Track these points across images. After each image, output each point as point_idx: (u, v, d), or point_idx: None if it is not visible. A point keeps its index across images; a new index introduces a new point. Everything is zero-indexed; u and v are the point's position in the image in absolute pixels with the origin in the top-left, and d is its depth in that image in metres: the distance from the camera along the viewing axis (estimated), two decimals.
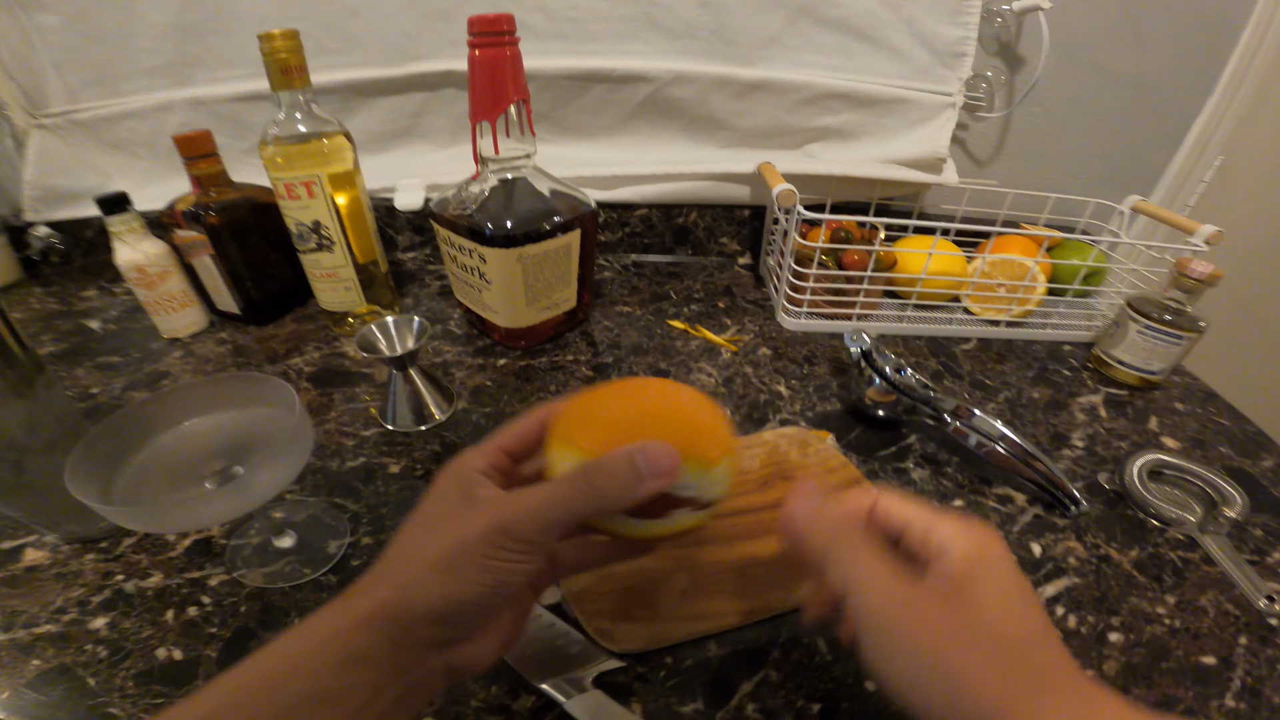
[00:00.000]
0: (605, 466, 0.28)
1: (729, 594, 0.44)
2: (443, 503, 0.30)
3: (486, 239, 0.60)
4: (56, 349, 0.71)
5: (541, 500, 0.28)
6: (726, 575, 0.45)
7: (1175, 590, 0.47)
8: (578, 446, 0.30)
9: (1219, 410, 0.67)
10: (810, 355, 0.71)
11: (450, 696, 0.38)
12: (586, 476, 0.28)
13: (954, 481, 0.55)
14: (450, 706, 0.37)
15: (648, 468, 0.28)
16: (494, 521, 0.27)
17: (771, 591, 0.44)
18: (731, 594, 0.44)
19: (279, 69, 0.57)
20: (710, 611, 0.43)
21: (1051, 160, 0.87)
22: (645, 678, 0.40)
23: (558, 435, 0.32)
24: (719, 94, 0.78)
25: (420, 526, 0.29)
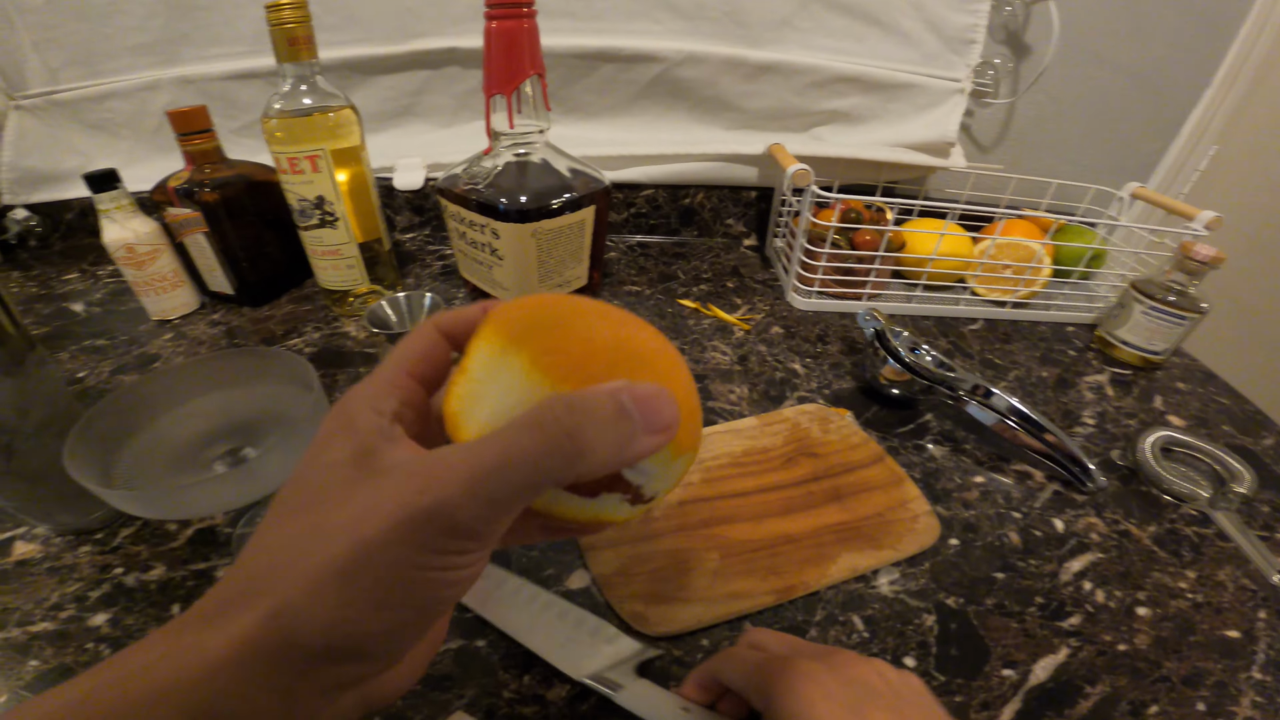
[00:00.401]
0: (591, 407, 0.19)
1: (762, 573, 0.43)
2: (329, 471, 0.20)
3: (500, 214, 0.58)
4: (39, 332, 0.67)
5: (491, 463, 0.18)
6: (758, 554, 0.44)
7: (1194, 565, 0.47)
8: (542, 366, 0.20)
9: (1219, 390, 0.68)
10: (823, 334, 0.70)
11: (482, 688, 0.36)
12: (565, 420, 0.18)
13: (973, 458, 0.55)
14: (482, 699, 0.36)
15: (644, 419, 0.19)
16: (414, 508, 0.18)
17: (805, 569, 0.43)
18: (765, 573, 0.43)
19: (286, 39, 0.55)
20: (744, 591, 0.42)
21: (1053, 147, 0.88)
22: (683, 661, 0.39)
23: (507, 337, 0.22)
24: (729, 75, 0.77)
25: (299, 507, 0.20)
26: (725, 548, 0.44)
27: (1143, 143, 0.88)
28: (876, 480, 0.51)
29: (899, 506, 0.49)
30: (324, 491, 0.19)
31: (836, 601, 0.42)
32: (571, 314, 0.22)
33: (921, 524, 0.48)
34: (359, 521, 0.18)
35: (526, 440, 0.18)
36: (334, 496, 0.19)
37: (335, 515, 0.18)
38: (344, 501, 0.19)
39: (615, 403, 0.19)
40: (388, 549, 0.18)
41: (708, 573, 0.43)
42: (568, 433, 0.18)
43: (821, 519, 0.47)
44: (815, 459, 0.53)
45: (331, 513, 0.18)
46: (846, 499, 0.49)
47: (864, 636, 0.40)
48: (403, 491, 0.18)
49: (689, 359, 0.65)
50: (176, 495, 0.36)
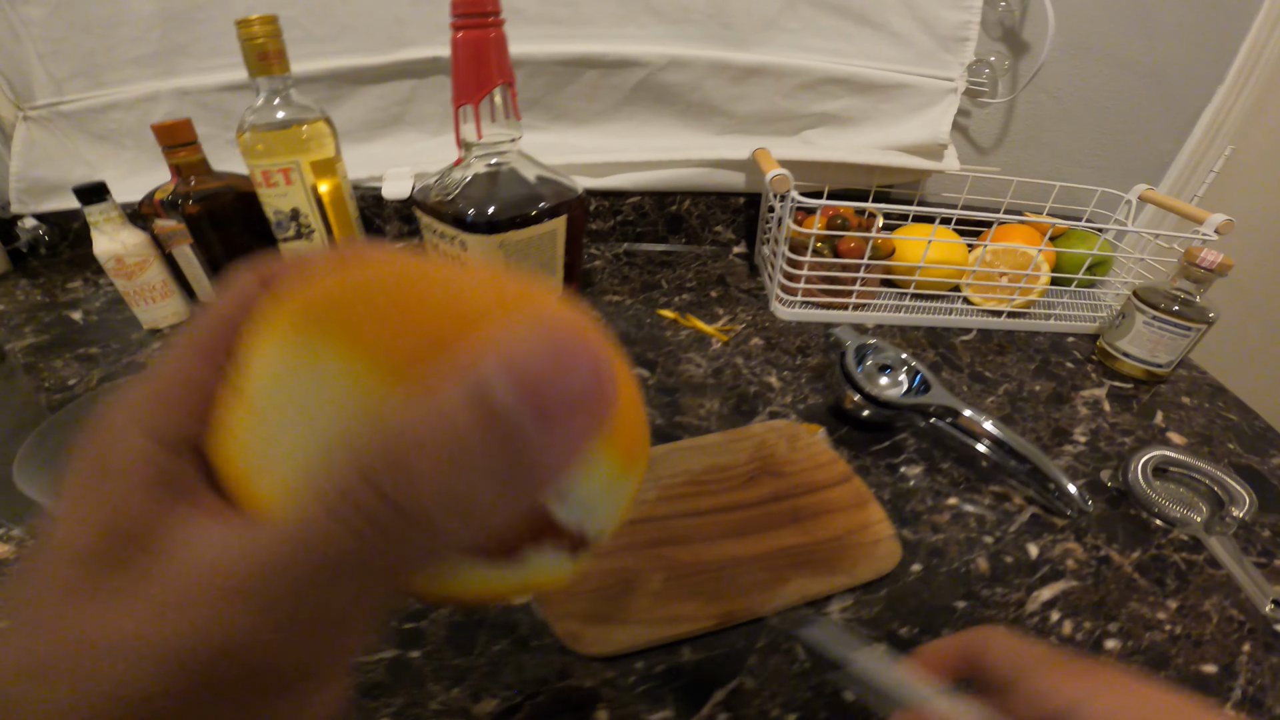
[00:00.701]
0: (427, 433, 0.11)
1: (706, 596, 0.42)
2: (54, 568, 0.13)
3: (468, 225, 0.58)
4: (38, 340, 0.70)
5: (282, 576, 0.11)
6: (705, 576, 0.43)
7: (1178, 595, 0.44)
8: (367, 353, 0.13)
9: (1227, 405, 0.64)
10: (804, 346, 0.69)
11: (410, 698, 0.36)
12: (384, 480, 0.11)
13: (949, 479, 0.53)
14: (409, 709, 0.36)
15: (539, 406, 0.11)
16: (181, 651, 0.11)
17: (751, 594, 0.42)
18: (709, 596, 0.42)
19: (257, 54, 0.56)
20: (685, 615, 0.41)
21: (1056, 148, 0.84)
22: (614, 683, 0.38)
23: (304, 321, 0.14)
24: (715, 79, 0.76)
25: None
26: (672, 569, 0.43)
27: (1153, 143, 0.84)
28: (840, 501, 0.49)
29: (860, 529, 0.47)
30: (38, 613, 0.12)
31: (782, 628, 0.41)
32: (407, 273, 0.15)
33: (882, 548, 0.46)
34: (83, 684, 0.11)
35: (326, 534, 0.11)
36: (47, 627, 0.12)
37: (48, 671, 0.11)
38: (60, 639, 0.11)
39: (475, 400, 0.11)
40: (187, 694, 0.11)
41: (649, 594, 0.42)
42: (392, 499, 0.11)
43: (777, 541, 0.46)
44: (778, 478, 0.51)
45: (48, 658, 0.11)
46: (805, 521, 0.48)
47: (804, 667, 0.39)
48: (160, 627, 0.11)
49: (663, 372, 0.64)
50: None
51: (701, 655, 0.39)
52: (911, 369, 0.57)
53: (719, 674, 0.39)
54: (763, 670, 0.39)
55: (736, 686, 0.38)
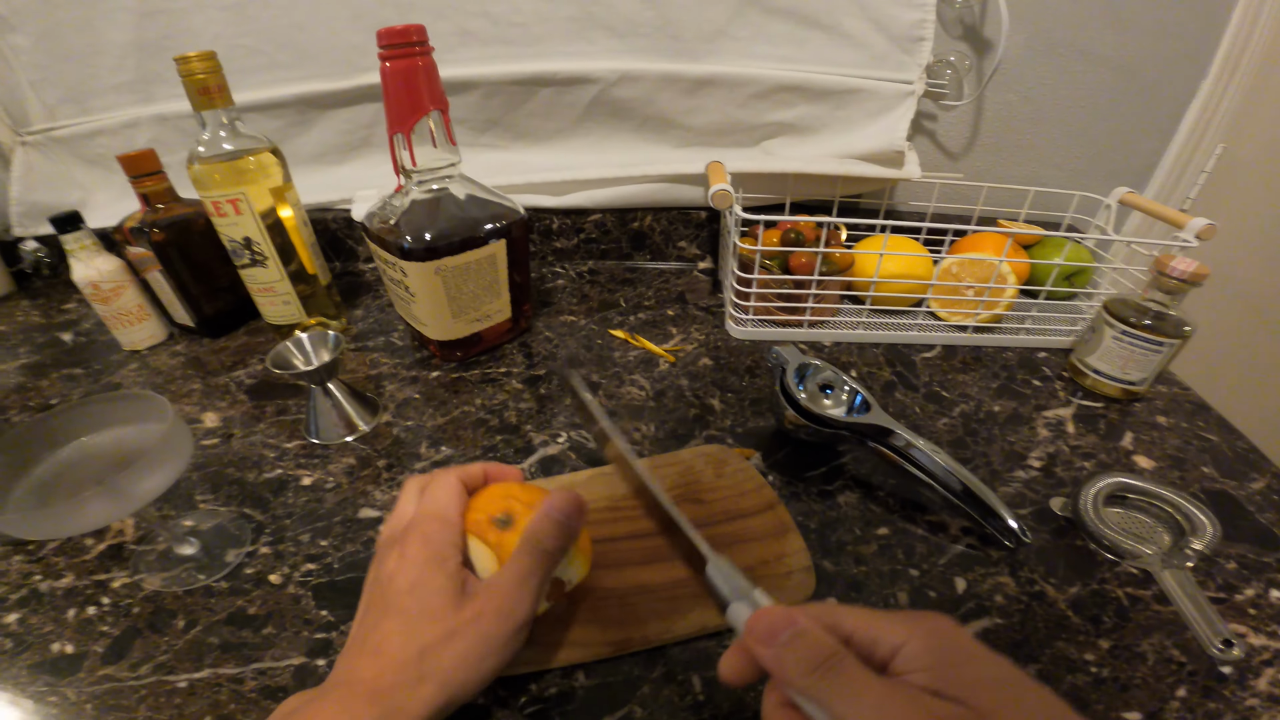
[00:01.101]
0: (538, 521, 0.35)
1: (604, 623, 0.42)
2: (439, 595, 0.32)
3: (405, 252, 0.59)
4: (29, 360, 0.74)
5: (515, 579, 0.33)
6: (607, 603, 0.43)
7: (1113, 634, 0.42)
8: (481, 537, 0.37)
9: (1208, 424, 0.60)
10: (753, 366, 0.67)
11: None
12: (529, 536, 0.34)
13: (884, 507, 0.51)
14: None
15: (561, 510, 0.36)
16: (502, 618, 0.32)
17: (650, 623, 0.42)
18: (607, 623, 0.42)
19: (198, 89, 0.58)
20: (581, 640, 0.41)
21: (1031, 151, 0.81)
22: (505, 703, 0.38)
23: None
24: (667, 92, 0.75)
25: (426, 617, 0.32)
26: (575, 594, 0.43)
27: (1136, 143, 0.80)
28: (758, 530, 0.48)
29: (774, 560, 0.46)
30: (442, 608, 0.32)
31: (680, 659, 0.41)
32: (492, 492, 0.39)
33: (794, 580, 0.45)
34: (477, 621, 0.32)
35: (522, 559, 0.34)
36: (449, 611, 0.31)
37: (457, 622, 0.31)
38: (459, 613, 0.31)
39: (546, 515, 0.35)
40: (502, 643, 0.32)
41: (549, 619, 0.42)
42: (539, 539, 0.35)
43: (683, 570, 0.45)
44: (699, 505, 0.50)
45: (453, 620, 0.31)
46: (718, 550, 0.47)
47: (698, 699, 0.38)
48: (491, 606, 0.32)
49: (605, 394, 0.64)
50: (47, 519, 0.39)
51: (595, 681, 0.39)
52: (851, 390, 0.55)
53: (609, 701, 0.38)
54: (654, 701, 0.38)
55: (625, 715, 0.38)
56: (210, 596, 0.45)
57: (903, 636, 0.26)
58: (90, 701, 0.39)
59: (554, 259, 0.90)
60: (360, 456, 0.56)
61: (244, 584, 0.46)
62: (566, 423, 0.60)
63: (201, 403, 0.64)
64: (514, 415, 0.61)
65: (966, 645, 0.27)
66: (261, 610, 0.44)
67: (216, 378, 0.68)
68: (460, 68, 0.74)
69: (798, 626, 0.27)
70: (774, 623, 0.27)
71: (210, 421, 0.62)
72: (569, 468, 0.55)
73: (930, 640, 0.26)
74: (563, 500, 0.35)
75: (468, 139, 0.80)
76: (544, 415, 0.61)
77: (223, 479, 0.55)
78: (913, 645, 0.26)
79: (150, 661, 0.41)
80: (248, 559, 0.47)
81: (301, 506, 0.52)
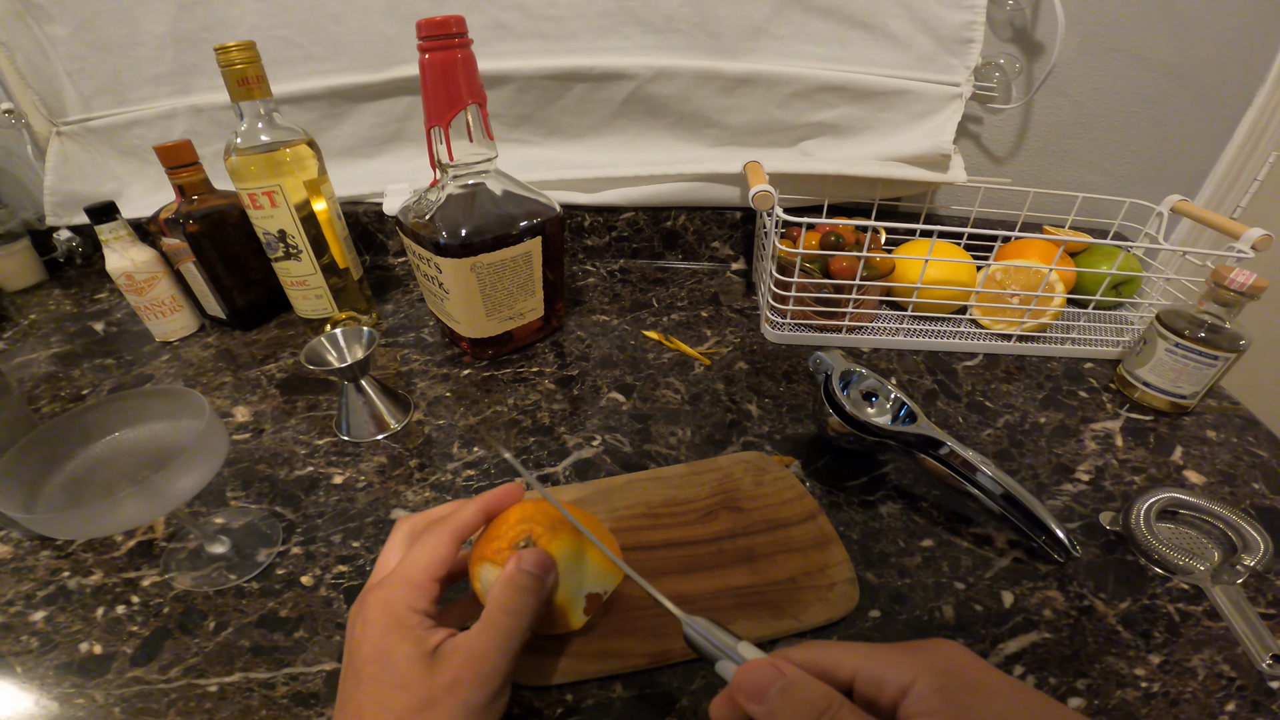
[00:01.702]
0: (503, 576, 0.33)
1: (642, 633, 0.41)
2: (409, 662, 0.30)
3: (440, 248, 0.58)
4: (60, 350, 0.74)
5: (492, 644, 0.31)
6: (644, 613, 0.42)
7: (1163, 649, 0.41)
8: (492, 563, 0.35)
9: (1258, 440, 0.58)
10: (790, 371, 0.66)
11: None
12: (497, 598, 0.32)
13: (928, 519, 0.50)
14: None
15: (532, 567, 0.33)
16: (480, 684, 0.30)
17: None
18: (645, 633, 0.41)
19: (237, 80, 0.57)
20: (618, 650, 0.40)
21: (1079, 157, 0.78)
22: (540, 714, 0.37)
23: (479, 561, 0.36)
24: (704, 90, 0.73)
25: (398, 685, 0.29)
26: (612, 603, 0.42)
27: (1188, 150, 0.77)
28: (800, 540, 0.47)
29: (817, 572, 0.45)
30: (411, 676, 0.29)
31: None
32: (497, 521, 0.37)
33: (837, 592, 0.43)
34: (455, 690, 0.29)
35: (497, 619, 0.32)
36: (420, 679, 0.29)
37: (432, 690, 0.29)
38: (432, 680, 0.29)
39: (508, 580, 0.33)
40: (479, 703, 0.29)
41: (586, 627, 0.41)
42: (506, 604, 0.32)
43: (725, 580, 0.44)
44: (738, 514, 0.49)
45: (426, 688, 0.29)
46: (759, 560, 0.46)
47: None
48: (466, 672, 0.30)
49: (639, 397, 0.63)
50: (80, 519, 0.38)
51: (633, 693, 0.38)
52: (896, 399, 0.54)
53: (647, 714, 0.37)
54: (693, 715, 0.37)
55: None
56: (241, 597, 0.44)
57: (909, 675, 0.25)
58: (119, 705, 0.38)
59: (585, 257, 0.89)
60: (392, 455, 0.56)
61: (275, 585, 0.45)
62: (601, 425, 0.59)
63: (233, 396, 0.64)
64: (547, 416, 0.60)
65: (980, 680, 0.25)
66: (293, 613, 0.43)
67: (248, 371, 0.68)
68: (493, 62, 0.73)
69: (785, 680, 0.25)
70: (760, 679, 0.26)
71: (241, 416, 0.61)
72: (604, 472, 0.54)
73: (939, 679, 0.24)
74: (528, 560, 0.33)
75: (499, 134, 0.80)
76: (578, 417, 0.60)
77: (254, 475, 0.54)
78: (920, 686, 0.24)
79: (180, 664, 0.40)
80: (279, 559, 0.47)
81: (333, 506, 0.51)
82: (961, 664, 0.25)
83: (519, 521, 0.36)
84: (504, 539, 0.35)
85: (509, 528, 0.36)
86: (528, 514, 0.37)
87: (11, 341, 0.76)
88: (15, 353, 0.74)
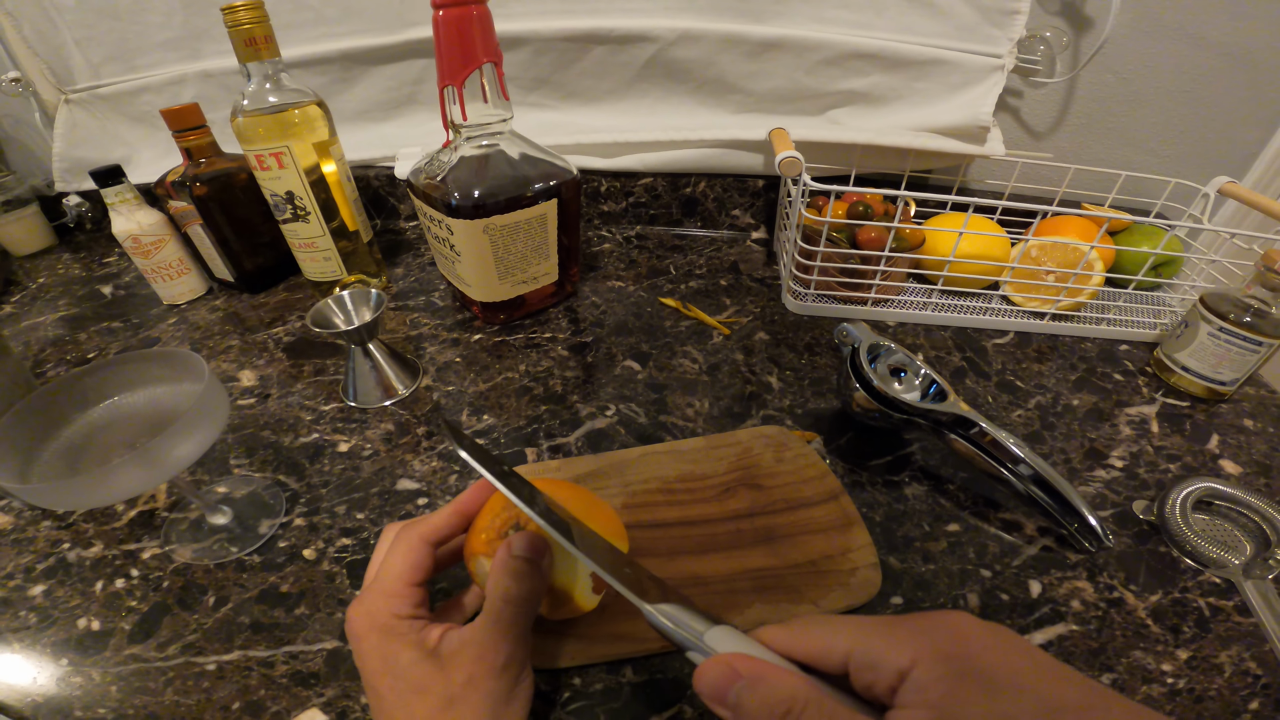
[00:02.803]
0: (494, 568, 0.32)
1: None
2: (414, 667, 0.29)
3: (452, 209, 0.56)
4: (68, 313, 0.73)
5: (495, 632, 0.30)
6: None
7: (1192, 644, 0.39)
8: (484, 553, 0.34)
9: None
10: (812, 343, 0.64)
11: (342, 690, 0.35)
12: (494, 587, 0.31)
13: (954, 502, 0.48)
14: (339, 700, 0.35)
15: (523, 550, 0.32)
16: (496, 674, 0.29)
17: None
18: None
19: (244, 40, 0.56)
20: (629, 634, 0.38)
21: (1123, 134, 0.74)
22: (547, 697, 0.36)
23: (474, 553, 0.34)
24: (729, 54, 0.70)
25: (412, 691, 0.29)
26: None
27: (1238, 131, 0.73)
28: (821, 522, 0.45)
29: (839, 555, 0.43)
30: (426, 678, 0.29)
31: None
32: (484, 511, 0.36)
33: (859, 577, 0.42)
34: (473, 684, 0.29)
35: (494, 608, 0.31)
36: (437, 678, 0.29)
37: (450, 688, 0.29)
38: (447, 678, 0.29)
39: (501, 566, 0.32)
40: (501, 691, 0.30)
41: (600, 608, 0.39)
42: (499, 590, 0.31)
43: (743, 562, 0.42)
44: (757, 491, 0.47)
45: (445, 688, 0.29)
46: (779, 541, 0.44)
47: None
48: (483, 662, 0.29)
49: (654, 366, 0.61)
50: (74, 489, 0.37)
51: (643, 677, 0.37)
52: (925, 376, 0.51)
53: (658, 699, 0.36)
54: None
55: (674, 714, 0.35)
56: (242, 571, 0.43)
57: (908, 658, 0.21)
58: (115, 683, 0.37)
59: (600, 222, 0.87)
60: (399, 422, 0.54)
61: (277, 558, 0.44)
62: (616, 394, 0.57)
63: (239, 360, 0.63)
64: (559, 384, 0.59)
65: (990, 669, 0.21)
66: (294, 588, 0.42)
67: (255, 334, 0.67)
68: (510, 22, 0.71)
69: (743, 681, 0.22)
70: (717, 679, 0.23)
71: (247, 380, 0.60)
72: (618, 443, 0.52)
73: (941, 666, 0.21)
74: (518, 545, 0.32)
75: (515, 98, 0.77)
76: (591, 385, 0.58)
77: (258, 442, 0.53)
78: (920, 672, 0.21)
79: (179, 641, 0.39)
80: (281, 531, 0.46)
81: (338, 475, 0.50)
82: (970, 646, 0.21)
83: (504, 509, 0.35)
84: (492, 529, 0.34)
85: (494, 517, 0.35)
86: (508, 501, 0.34)
87: (20, 305, 0.76)
88: (23, 316, 0.73)
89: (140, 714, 0.36)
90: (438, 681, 0.29)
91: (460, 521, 0.35)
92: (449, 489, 0.48)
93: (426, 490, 0.48)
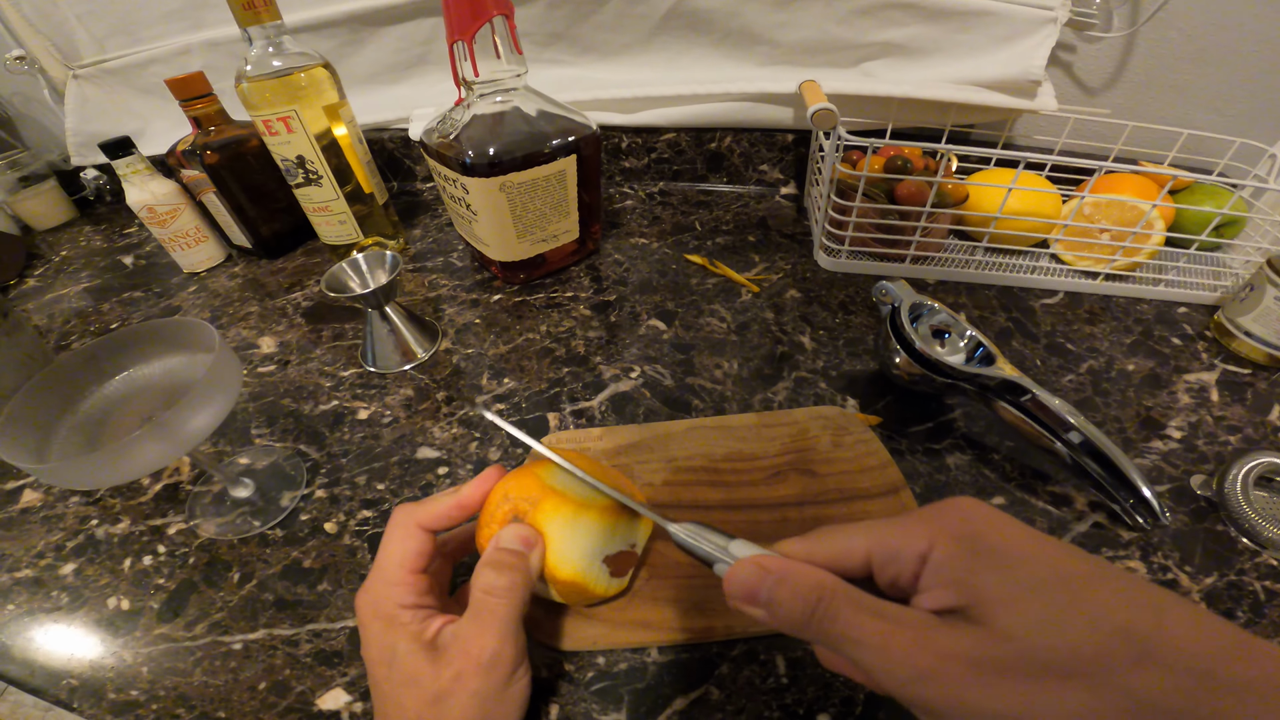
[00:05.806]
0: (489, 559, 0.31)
1: (686, 605, 0.37)
2: (410, 658, 0.29)
3: (467, 168, 0.54)
4: (90, 284, 0.73)
5: (489, 628, 0.29)
6: (692, 581, 0.38)
7: (1247, 629, 0.36)
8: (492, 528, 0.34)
9: None
10: (847, 302, 0.61)
11: (363, 671, 0.34)
12: (476, 579, 0.31)
13: (999, 473, 0.45)
14: (361, 680, 0.34)
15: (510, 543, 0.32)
16: (486, 671, 0.28)
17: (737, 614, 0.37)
18: (689, 606, 0.37)
19: (242, 4, 0.53)
20: (656, 621, 0.36)
21: (1186, 91, 0.69)
22: (570, 677, 0.35)
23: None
24: (755, 3, 0.66)
25: (407, 682, 0.29)
26: (657, 567, 0.38)
27: None
28: (877, 516, 0.42)
29: None
30: (418, 671, 0.28)
31: (763, 636, 0.36)
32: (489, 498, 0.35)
33: None
34: (462, 680, 0.28)
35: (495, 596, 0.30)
36: (428, 672, 0.28)
37: (440, 684, 0.28)
38: (438, 673, 0.28)
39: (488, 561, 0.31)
40: (491, 690, 0.28)
41: (627, 593, 0.37)
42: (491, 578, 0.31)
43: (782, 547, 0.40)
44: (810, 478, 0.43)
45: (435, 683, 0.28)
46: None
47: (782, 682, 0.34)
48: (471, 658, 0.28)
49: (681, 325, 0.58)
50: (92, 467, 0.36)
51: (669, 658, 0.35)
52: (971, 338, 0.48)
53: (683, 680, 0.35)
54: (733, 682, 0.34)
55: (701, 696, 0.34)
56: (265, 546, 0.42)
57: (925, 543, 0.22)
58: (146, 664, 0.37)
59: (622, 179, 0.84)
60: (419, 387, 0.53)
61: (299, 532, 0.43)
62: (641, 355, 0.55)
63: (259, 326, 0.62)
64: (581, 345, 0.57)
65: (1000, 544, 0.21)
66: (317, 563, 0.41)
67: (274, 300, 0.66)
68: None
69: (773, 577, 0.23)
70: (747, 580, 0.24)
71: (267, 346, 0.59)
72: (643, 407, 0.50)
73: (956, 545, 0.22)
74: (505, 538, 0.32)
75: (530, 54, 0.74)
76: (615, 346, 0.56)
77: (278, 411, 0.52)
78: (938, 554, 0.22)
79: (206, 620, 0.38)
80: (303, 503, 0.45)
81: (358, 444, 0.48)
82: (981, 525, 0.22)
83: (501, 502, 0.34)
84: (492, 524, 0.33)
85: (493, 510, 0.34)
86: (508, 491, 0.34)
87: (44, 278, 0.76)
88: (47, 289, 0.73)
89: (171, 695, 0.35)
90: (429, 675, 0.28)
91: (460, 514, 0.34)
92: (469, 457, 0.47)
93: (447, 459, 0.47)
